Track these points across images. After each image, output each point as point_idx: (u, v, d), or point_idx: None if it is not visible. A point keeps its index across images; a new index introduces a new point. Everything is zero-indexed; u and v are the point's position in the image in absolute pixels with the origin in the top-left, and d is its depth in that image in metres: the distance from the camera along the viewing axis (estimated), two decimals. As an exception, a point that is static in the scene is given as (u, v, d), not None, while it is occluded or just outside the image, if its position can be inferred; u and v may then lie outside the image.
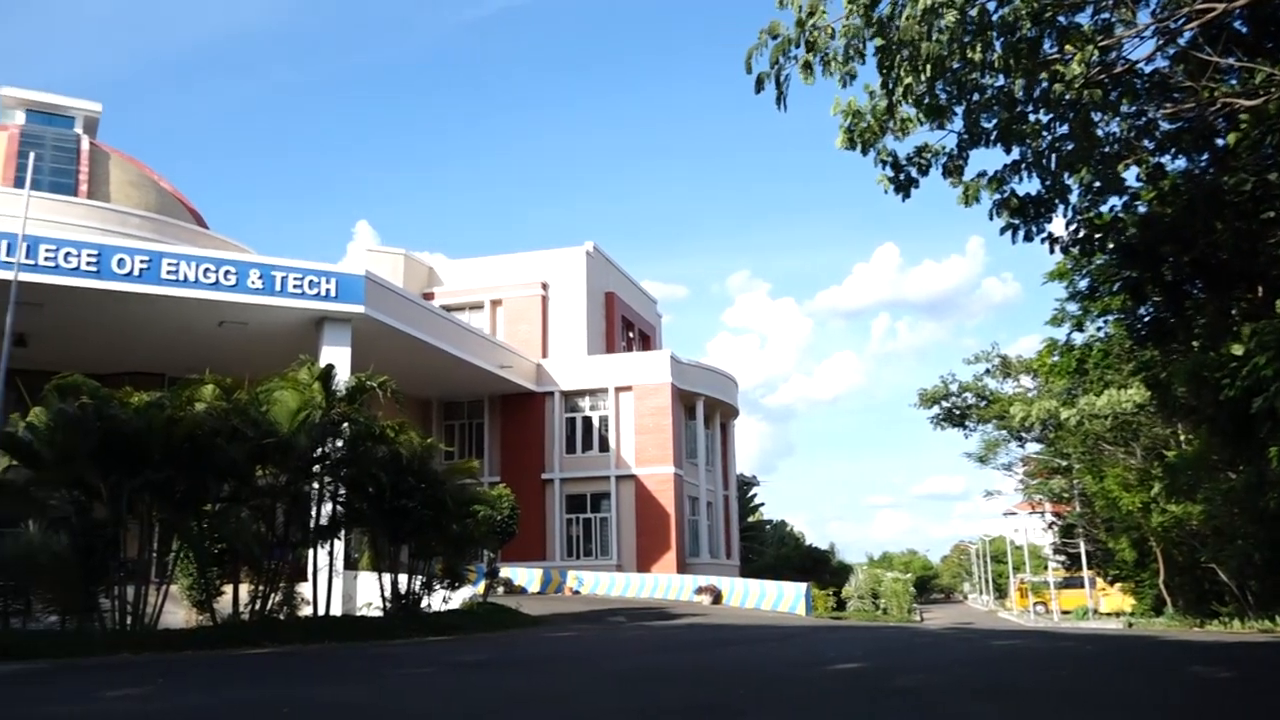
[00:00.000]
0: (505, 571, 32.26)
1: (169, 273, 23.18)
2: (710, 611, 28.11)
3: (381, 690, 10.16)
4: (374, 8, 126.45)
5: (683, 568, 36.67)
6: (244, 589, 18.26)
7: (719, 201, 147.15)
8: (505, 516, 28.53)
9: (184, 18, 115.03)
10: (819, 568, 52.55)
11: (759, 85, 10.21)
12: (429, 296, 40.22)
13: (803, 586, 31.99)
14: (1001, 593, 77.19)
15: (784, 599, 31.62)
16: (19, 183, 28.86)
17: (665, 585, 33.30)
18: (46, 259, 21.60)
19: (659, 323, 52.95)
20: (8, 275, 19.22)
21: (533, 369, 39.12)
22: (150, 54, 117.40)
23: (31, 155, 22.51)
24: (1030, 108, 11.12)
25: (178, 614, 18.62)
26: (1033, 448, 48.37)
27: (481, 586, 26.93)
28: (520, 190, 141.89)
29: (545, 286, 42.16)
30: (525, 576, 33.56)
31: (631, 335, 47.51)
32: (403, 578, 20.51)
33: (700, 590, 31.97)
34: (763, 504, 69.34)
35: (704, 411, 41.66)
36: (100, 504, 16.55)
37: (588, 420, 39.41)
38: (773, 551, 56.51)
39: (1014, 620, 48.54)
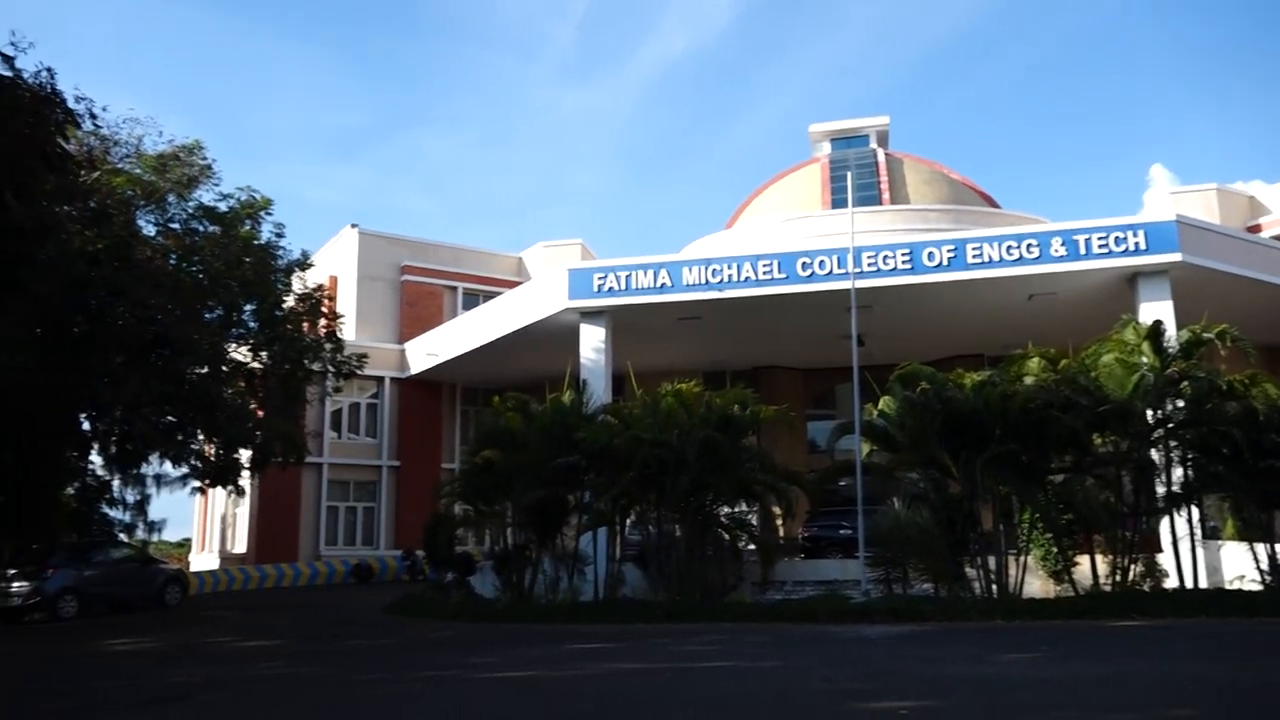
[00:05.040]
0: None
1: (974, 257, 24.06)
2: None
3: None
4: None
5: None
6: (1099, 560, 17.96)
7: None
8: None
9: (931, 17, 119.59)
10: None
11: None
12: (1254, 229, 35.16)
13: None
14: None
15: None
16: (836, 204, 32.93)
17: None
18: (869, 265, 24.12)
19: None
20: (845, 285, 21.90)
21: None
22: (915, 55, 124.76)
23: (849, 176, 25.38)
24: None
25: (1033, 584, 19.01)
26: None
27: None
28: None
29: None
30: None
31: None
32: (1278, 547, 18.05)
33: None
34: None
35: None
36: (952, 480, 17.82)
37: None
38: None
39: None
